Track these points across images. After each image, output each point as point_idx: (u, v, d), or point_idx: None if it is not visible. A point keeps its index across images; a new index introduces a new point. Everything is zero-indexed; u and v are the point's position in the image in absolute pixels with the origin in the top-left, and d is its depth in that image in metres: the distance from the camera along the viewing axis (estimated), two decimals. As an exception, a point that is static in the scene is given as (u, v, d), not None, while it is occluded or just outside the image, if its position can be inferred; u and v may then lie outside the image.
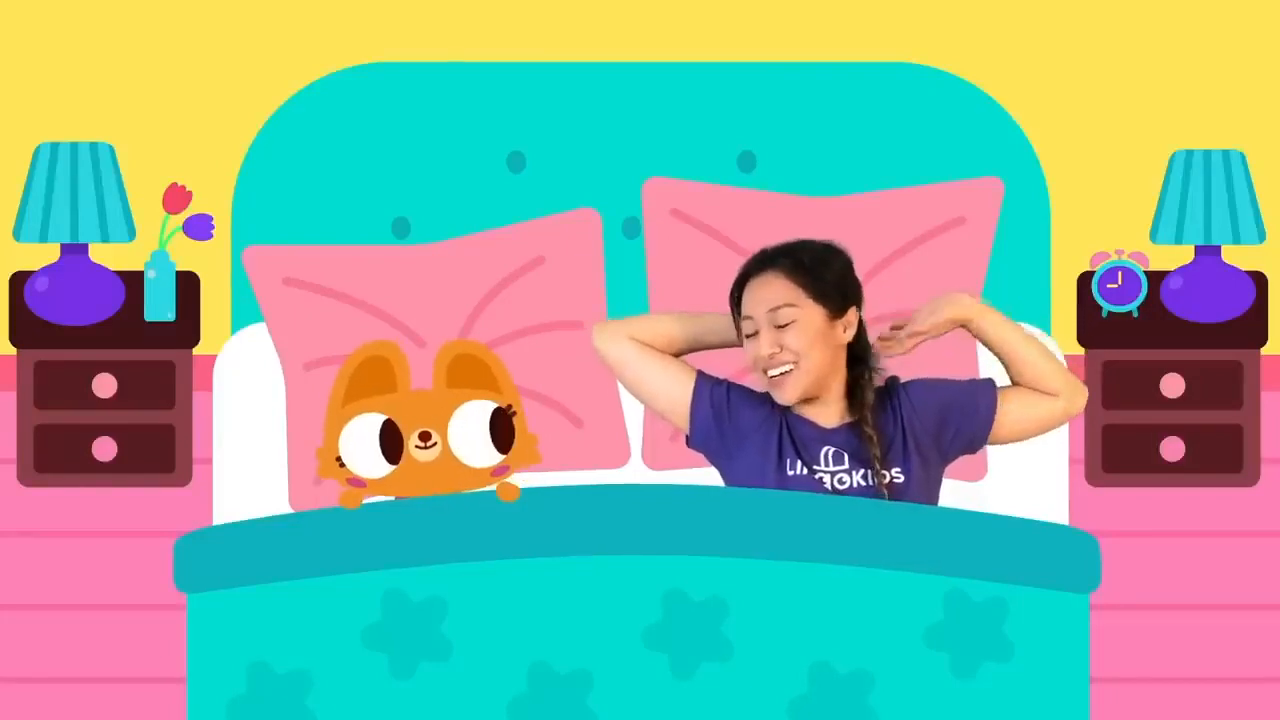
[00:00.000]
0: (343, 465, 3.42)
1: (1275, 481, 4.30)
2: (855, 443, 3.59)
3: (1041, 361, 3.63)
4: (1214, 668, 4.31)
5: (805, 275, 3.56)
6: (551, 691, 3.22)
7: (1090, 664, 3.33)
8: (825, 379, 3.58)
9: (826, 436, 3.59)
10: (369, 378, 3.45)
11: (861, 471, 3.56)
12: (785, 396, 3.56)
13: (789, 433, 3.60)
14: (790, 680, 3.23)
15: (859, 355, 3.63)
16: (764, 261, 3.61)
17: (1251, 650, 4.31)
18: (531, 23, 4.34)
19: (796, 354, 3.54)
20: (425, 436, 3.42)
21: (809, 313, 3.56)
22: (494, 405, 3.45)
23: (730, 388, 3.65)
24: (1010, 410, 3.63)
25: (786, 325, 3.54)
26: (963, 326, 3.66)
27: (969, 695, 3.25)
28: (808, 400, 3.60)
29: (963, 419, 3.62)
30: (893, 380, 3.66)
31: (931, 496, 3.62)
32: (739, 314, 3.61)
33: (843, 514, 3.30)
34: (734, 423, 3.62)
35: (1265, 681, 4.31)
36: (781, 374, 3.55)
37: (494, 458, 3.45)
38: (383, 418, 3.41)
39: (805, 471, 3.56)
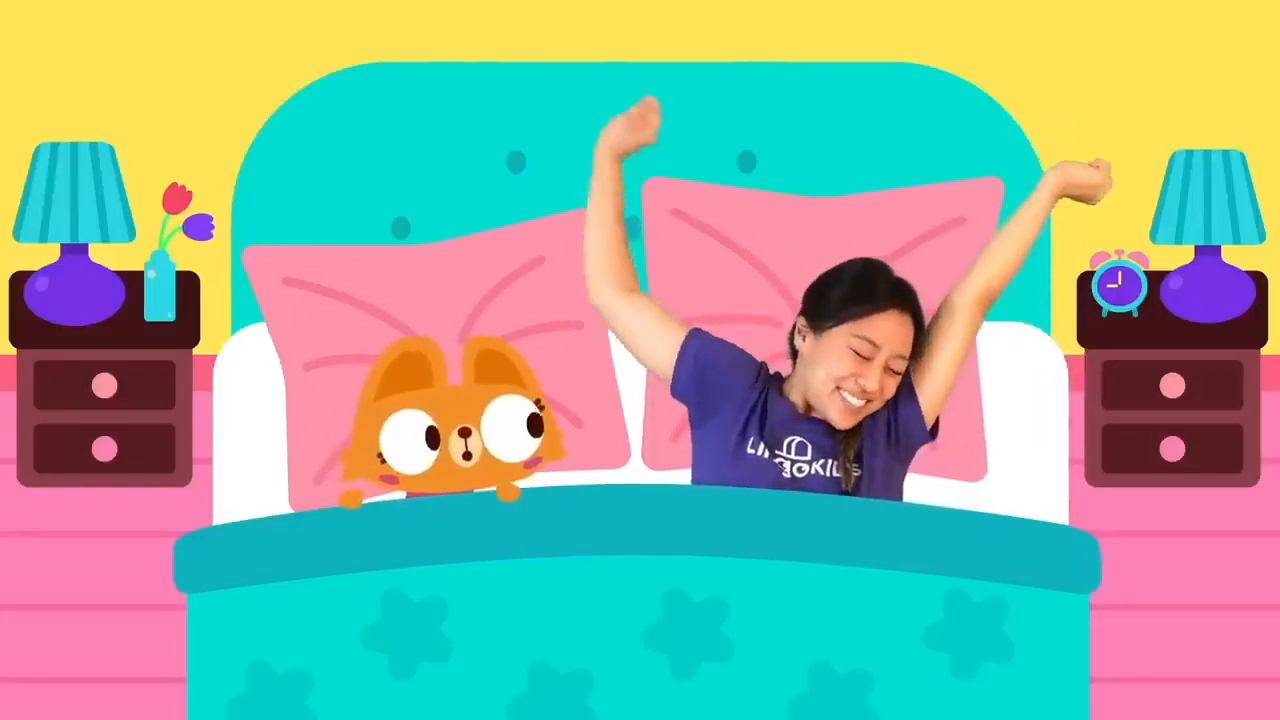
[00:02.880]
0: (383, 461, 3.43)
1: (1275, 481, 4.30)
2: (821, 437, 3.61)
3: (1016, 264, 3.69)
4: (1214, 668, 4.31)
5: (918, 339, 3.64)
6: (551, 691, 3.22)
7: (1090, 664, 3.33)
8: None
9: (797, 425, 3.62)
10: (403, 373, 3.46)
11: (822, 461, 3.58)
12: (840, 421, 3.59)
13: (762, 412, 3.62)
14: (790, 680, 3.23)
15: None
16: (905, 299, 3.63)
17: (1251, 650, 4.31)
18: (531, 23, 4.34)
19: (880, 400, 3.59)
20: (465, 432, 3.44)
21: (903, 374, 3.63)
22: (525, 400, 3.47)
23: (721, 345, 3.67)
24: (931, 387, 3.66)
25: (894, 375, 3.59)
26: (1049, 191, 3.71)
27: (969, 695, 3.25)
28: (799, 387, 3.65)
29: (897, 423, 3.65)
30: None
31: (890, 483, 3.66)
32: (849, 316, 3.58)
33: (843, 514, 3.30)
34: (714, 386, 3.64)
35: (1265, 681, 4.31)
36: (861, 407, 3.58)
37: (526, 452, 3.46)
38: (425, 415, 3.43)
39: (766, 455, 3.59)
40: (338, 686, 3.25)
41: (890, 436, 3.64)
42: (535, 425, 3.47)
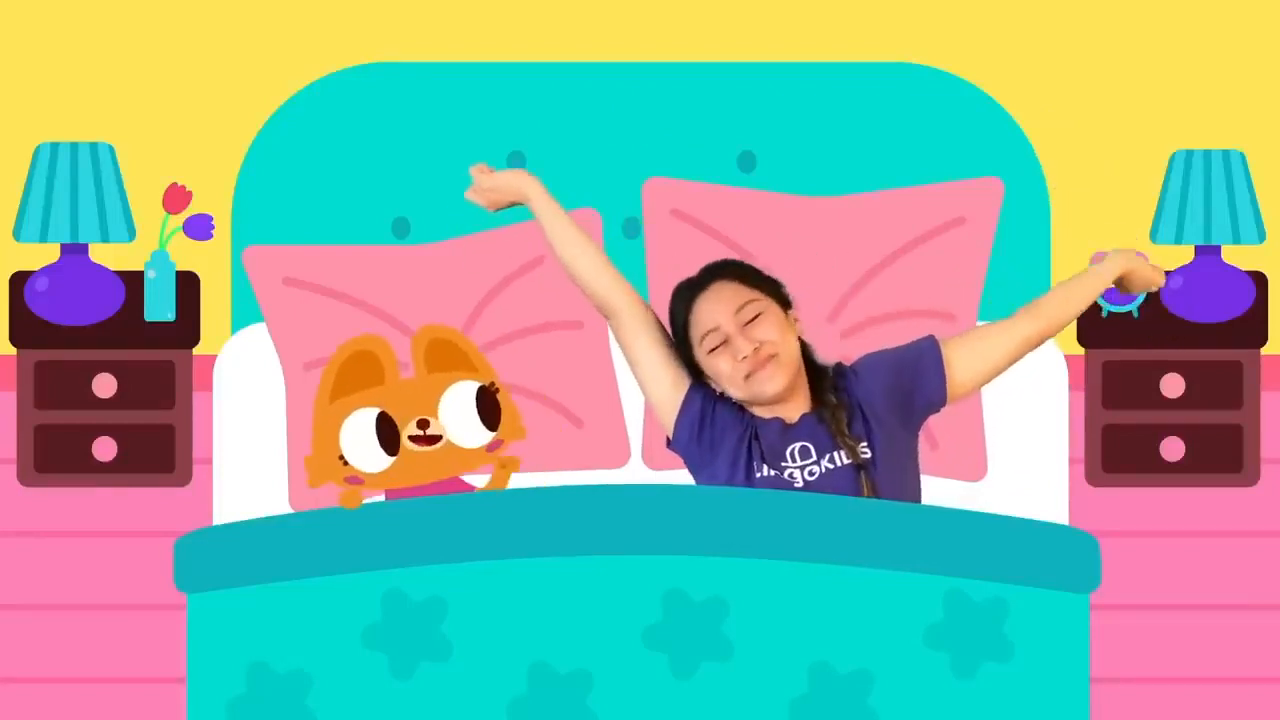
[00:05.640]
0: (346, 463, 3.43)
1: (1275, 481, 4.30)
2: (818, 431, 3.58)
3: (1053, 300, 3.68)
4: (1214, 668, 4.31)
5: (750, 277, 3.61)
6: (551, 691, 3.22)
7: (1090, 664, 3.33)
8: (796, 371, 3.59)
9: (792, 433, 3.58)
10: (354, 373, 3.46)
11: (829, 455, 3.56)
12: (774, 386, 3.55)
13: (756, 439, 3.59)
14: (790, 680, 3.23)
15: (805, 350, 3.64)
16: (702, 282, 3.63)
17: (1251, 650, 4.31)
18: (531, 23, 4.34)
19: (775, 343, 3.55)
20: (423, 424, 3.44)
21: (769, 305, 3.59)
22: (478, 384, 3.47)
23: (718, 401, 3.62)
24: (961, 360, 3.61)
25: (755, 320, 3.56)
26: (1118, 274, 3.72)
27: (969, 695, 3.25)
28: (777, 399, 3.60)
29: (914, 381, 3.60)
30: (838, 366, 3.65)
31: (904, 466, 3.60)
32: (691, 338, 3.59)
33: (843, 514, 3.30)
34: (713, 438, 3.60)
35: (1265, 681, 4.31)
36: (766, 363, 3.54)
37: (486, 436, 3.47)
38: (379, 410, 3.43)
39: (773, 474, 3.56)
40: (338, 686, 3.25)
41: (894, 399, 3.58)
42: (492, 408, 3.47)
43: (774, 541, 3.26)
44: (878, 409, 3.58)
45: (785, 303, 3.62)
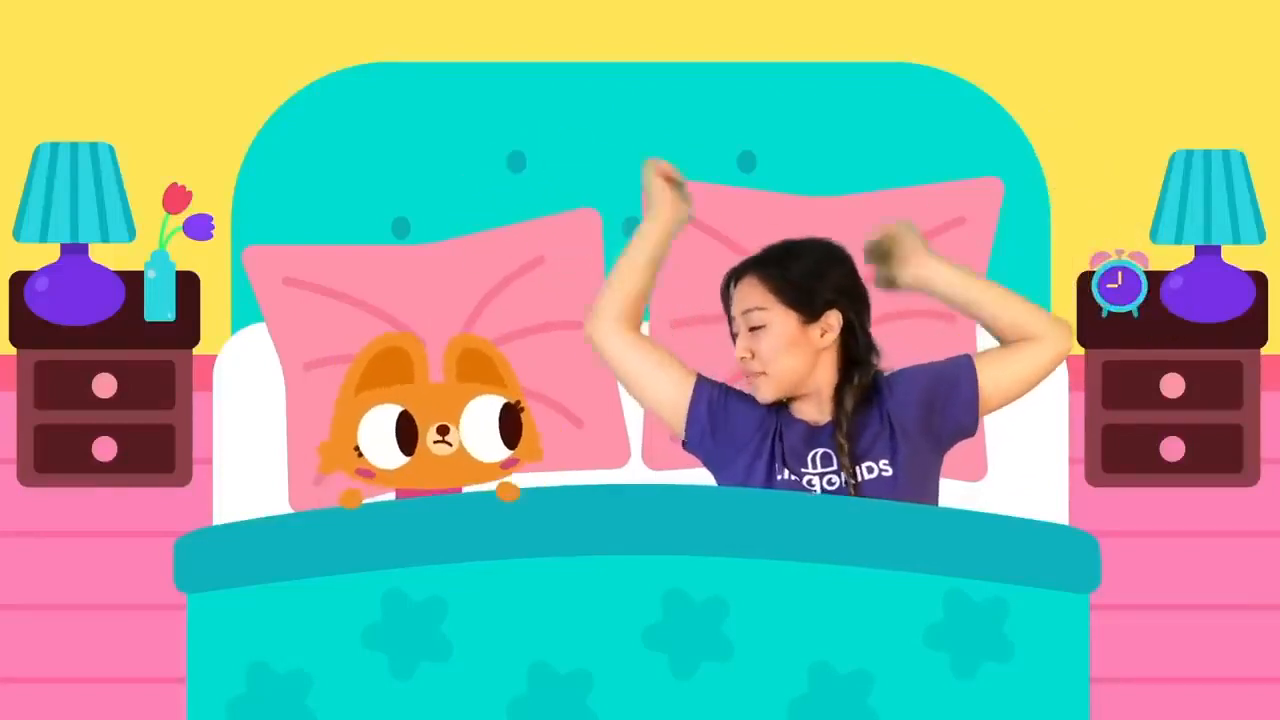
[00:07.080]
0: (360, 455, 3.43)
1: (1275, 481, 4.30)
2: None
3: (1010, 308, 3.59)
4: (1214, 668, 4.31)
5: (778, 281, 3.59)
6: (551, 691, 3.22)
7: (1090, 664, 3.33)
8: (805, 381, 3.59)
9: (816, 436, 3.58)
10: (384, 368, 3.46)
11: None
12: (760, 398, 3.60)
13: (780, 439, 3.59)
14: (790, 680, 3.23)
15: (856, 356, 3.62)
16: (749, 263, 3.64)
17: (1251, 650, 4.31)
18: (531, 23, 4.34)
19: (765, 361, 3.57)
20: (443, 430, 3.44)
21: (778, 317, 3.58)
22: (504, 401, 3.47)
23: (728, 394, 3.63)
24: (991, 376, 3.59)
25: (758, 329, 3.57)
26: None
27: (969, 695, 3.25)
28: (800, 397, 3.60)
29: (947, 401, 3.59)
30: (877, 375, 3.63)
31: (926, 486, 3.59)
32: (729, 313, 3.66)
33: (843, 514, 3.30)
34: (729, 431, 3.60)
35: (1265, 681, 4.31)
36: (755, 376, 3.58)
37: (503, 452, 3.47)
38: (401, 409, 3.44)
39: (794, 478, 3.55)
40: (338, 686, 3.25)
41: (924, 413, 3.57)
42: (514, 426, 3.48)
43: (774, 541, 3.26)
44: (906, 423, 3.58)
45: (814, 312, 3.58)
